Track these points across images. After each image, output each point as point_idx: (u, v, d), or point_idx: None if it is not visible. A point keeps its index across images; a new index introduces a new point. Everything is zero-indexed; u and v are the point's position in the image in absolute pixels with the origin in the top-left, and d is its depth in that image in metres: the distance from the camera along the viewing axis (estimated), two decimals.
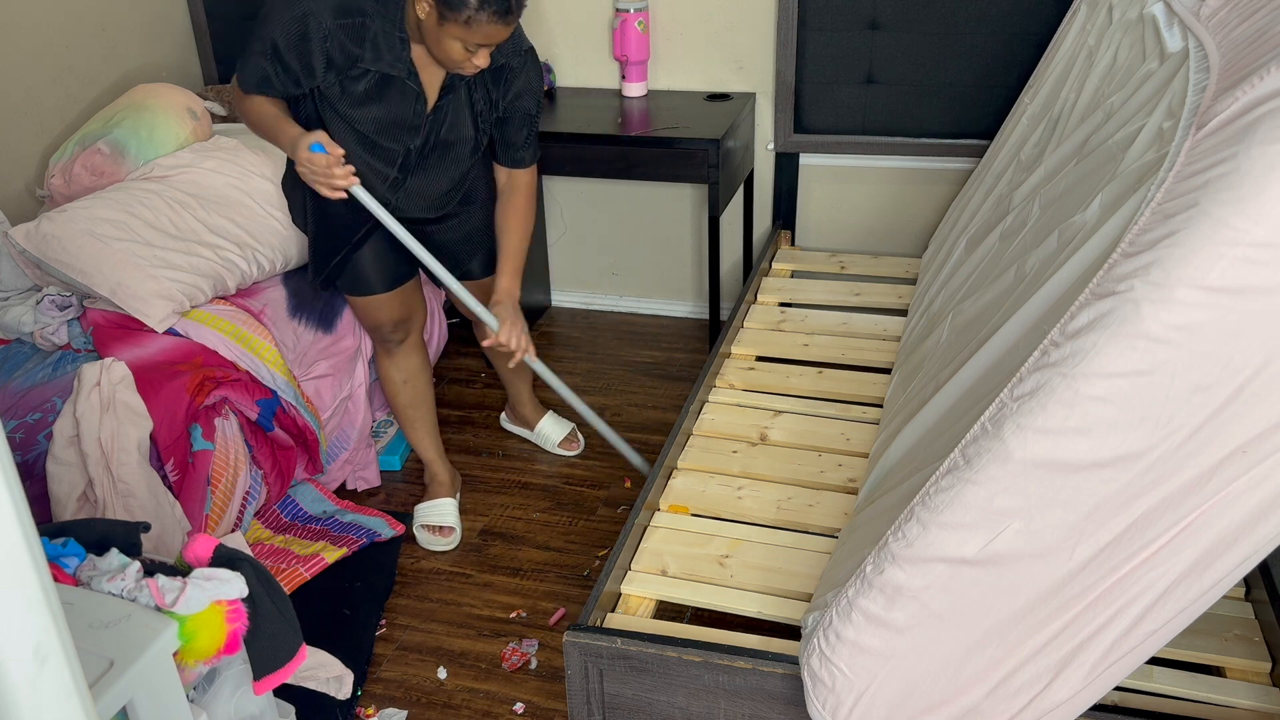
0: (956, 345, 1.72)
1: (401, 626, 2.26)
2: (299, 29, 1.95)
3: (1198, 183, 1.09)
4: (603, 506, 2.60)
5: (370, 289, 2.33)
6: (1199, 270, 1.07)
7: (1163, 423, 1.14)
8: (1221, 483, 1.17)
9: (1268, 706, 1.51)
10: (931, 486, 1.29)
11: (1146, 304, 1.09)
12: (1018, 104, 2.58)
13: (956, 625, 1.31)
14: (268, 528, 2.43)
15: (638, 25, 2.95)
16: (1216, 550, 1.22)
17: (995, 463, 1.22)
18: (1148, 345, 1.11)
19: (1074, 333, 1.16)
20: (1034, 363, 1.20)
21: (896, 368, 2.21)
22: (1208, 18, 1.44)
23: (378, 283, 2.33)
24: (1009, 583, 1.27)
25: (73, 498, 2.00)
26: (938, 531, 1.27)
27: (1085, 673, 1.31)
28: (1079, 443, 1.17)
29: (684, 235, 3.36)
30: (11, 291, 2.47)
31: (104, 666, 1.23)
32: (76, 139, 2.66)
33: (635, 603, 1.78)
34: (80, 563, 1.41)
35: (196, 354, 2.28)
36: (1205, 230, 1.06)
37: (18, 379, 2.23)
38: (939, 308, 2.09)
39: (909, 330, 2.33)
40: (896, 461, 1.68)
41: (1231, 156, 1.06)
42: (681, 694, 1.58)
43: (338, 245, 2.27)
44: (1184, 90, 1.35)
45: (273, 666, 1.48)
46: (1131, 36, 1.84)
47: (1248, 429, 1.13)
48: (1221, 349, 1.09)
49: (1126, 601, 1.26)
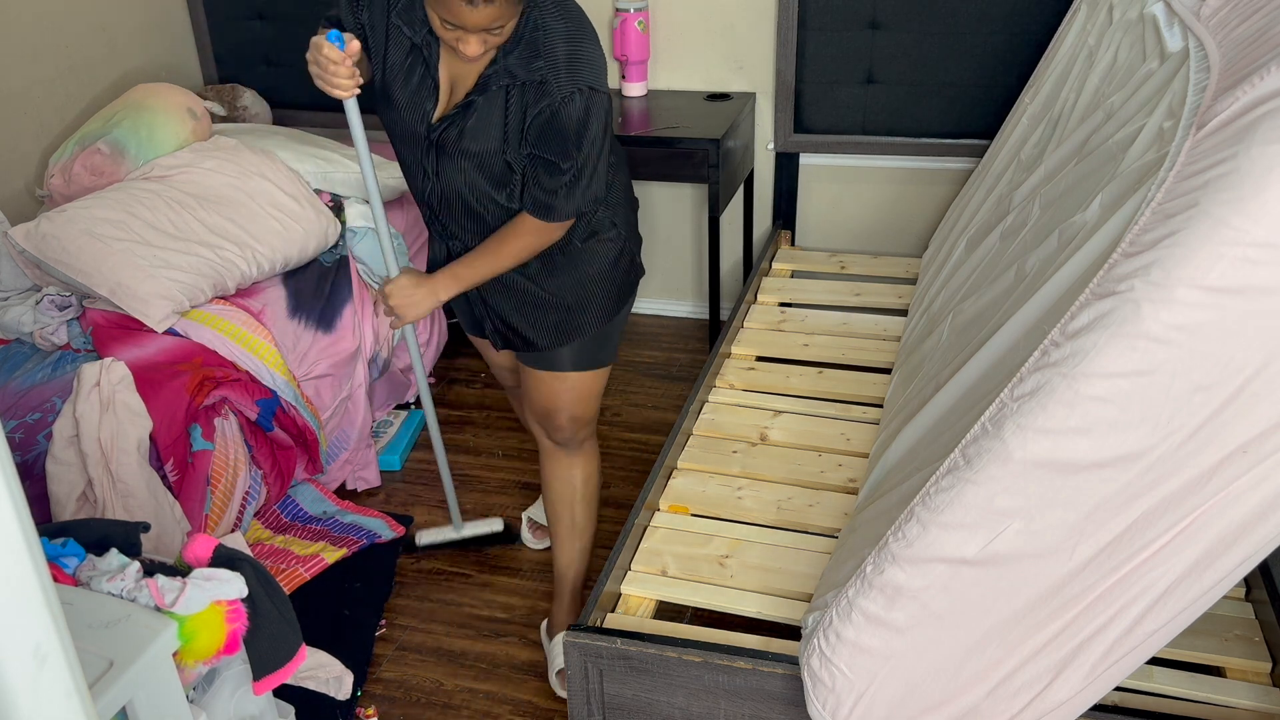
0: (956, 345, 1.72)
1: (401, 627, 2.26)
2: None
3: (1198, 182, 1.09)
4: (603, 506, 2.60)
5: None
6: (1199, 270, 1.07)
7: (1163, 423, 1.14)
8: (1222, 483, 1.17)
9: (1268, 707, 1.51)
10: (931, 486, 1.29)
11: (1147, 304, 1.09)
12: (1018, 104, 2.58)
13: (956, 625, 1.31)
14: (268, 528, 2.43)
15: (638, 25, 2.95)
16: (1216, 550, 1.22)
17: (995, 463, 1.22)
18: (1148, 345, 1.11)
19: (1074, 333, 1.16)
20: (1034, 363, 1.20)
21: (897, 368, 2.21)
22: (1208, 17, 1.44)
23: (466, 319, 2.10)
24: (1009, 583, 1.27)
25: (72, 498, 2.00)
26: (938, 531, 1.27)
27: (1085, 673, 1.31)
28: (1079, 443, 1.17)
29: (684, 235, 3.36)
30: (11, 291, 2.47)
31: (104, 667, 1.23)
32: (76, 139, 2.66)
33: (635, 603, 1.78)
34: (80, 563, 1.41)
35: (196, 354, 2.28)
36: (1205, 230, 1.06)
37: (17, 379, 2.23)
38: (939, 308, 2.09)
39: (909, 330, 2.32)
40: (896, 462, 1.68)
41: (1231, 156, 1.06)
42: (681, 694, 1.58)
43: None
44: (1184, 90, 1.35)
45: (272, 667, 1.48)
46: (1132, 36, 1.84)
47: (1248, 429, 1.13)
48: (1222, 349, 1.09)
49: (1127, 601, 1.26)
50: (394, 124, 1.84)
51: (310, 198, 2.66)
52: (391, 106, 1.81)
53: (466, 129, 1.76)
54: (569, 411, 2.04)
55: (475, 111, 1.74)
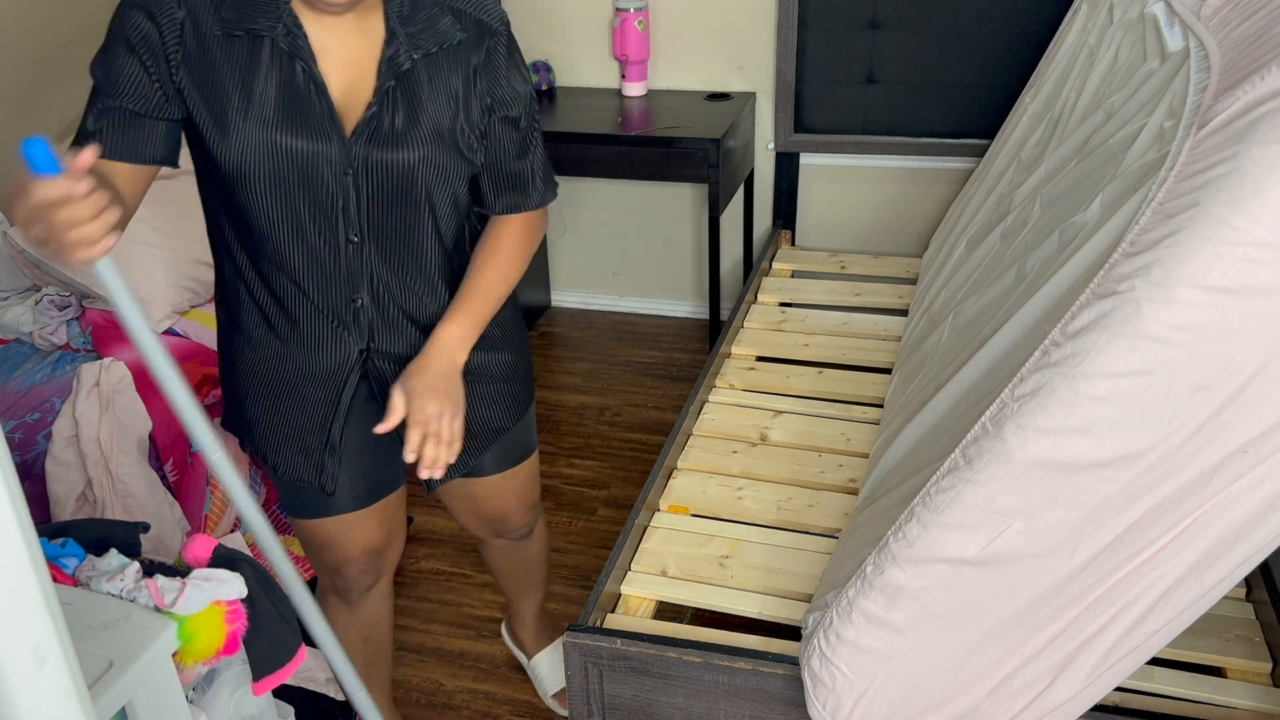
0: (957, 345, 1.72)
1: (401, 627, 2.26)
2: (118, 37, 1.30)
3: (1198, 182, 1.09)
4: (603, 506, 2.60)
5: (336, 505, 1.56)
6: (1200, 270, 1.06)
7: (1164, 423, 1.14)
8: (1223, 483, 1.17)
9: (1268, 707, 1.51)
10: (932, 487, 1.29)
11: (1147, 304, 1.09)
12: (1019, 103, 2.58)
13: (957, 625, 1.31)
14: None
15: (638, 25, 2.95)
16: (1217, 550, 1.22)
17: (996, 463, 1.22)
18: (1148, 345, 1.11)
19: (1075, 333, 1.16)
20: (1035, 363, 1.20)
21: (897, 368, 2.21)
22: (1208, 17, 1.44)
23: (349, 495, 1.56)
24: (1009, 583, 1.27)
25: (72, 498, 2.00)
26: (938, 532, 1.27)
27: (1086, 673, 1.31)
28: (1080, 442, 1.17)
29: (684, 235, 3.36)
30: (11, 291, 2.47)
31: (103, 667, 1.22)
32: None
33: (635, 603, 1.77)
34: (79, 563, 1.41)
35: (196, 354, 2.28)
36: (1206, 230, 1.06)
37: (17, 379, 2.23)
38: (939, 308, 2.09)
39: (909, 330, 2.32)
40: (897, 462, 1.68)
41: (1232, 156, 1.06)
42: (681, 695, 1.58)
43: (305, 443, 1.50)
44: (1185, 90, 1.35)
45: (271, 668, 1.47)
46: (1132, 36, 1.84)
47: (1249, 429, 1.13)
48: (1222, 349, 1.09)
49: (1128, 602, 1.26)
50: (275, 168, 1.29)
51: None
52: (265, 141, 1.28)
53: (403, 114, 1.32)
54: (528, 501, 1.79)
55: (404, 94, 1.32)
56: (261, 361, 1.47)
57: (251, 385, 1.49)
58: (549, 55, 3.15)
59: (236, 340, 1.49)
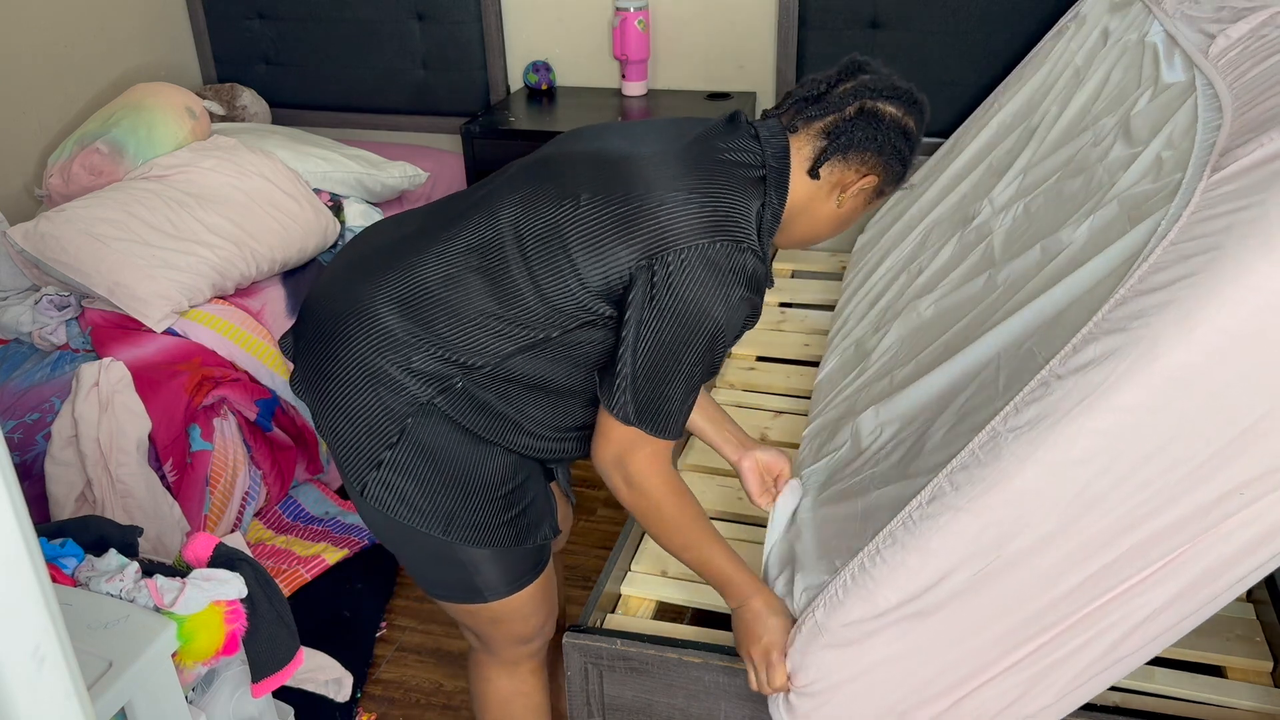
0: (917, 343, 1.72)
1: (401, 628, 2.25)
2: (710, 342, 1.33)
3: (1220, 225, 1.10)
4: (602, 507, 2.60)
5: (551, 544, 1.54)
6: (1217, 312, 1.07)
7: (1164, 459, 1.14)
8: (1215, 519, 1.17)
9: (1268, 707, 1.51)
10: (916, 512, 1.27)
11: (1161, 342, 1.09)
12: (984, 107, 2.58)
13: (931, 650, 1.30)
14: (269, 528, 2.43)
15: (638, 24, 2.95)
16: (1200, 583, 1.22)
17: (988, 491, 1.20)
18: (1155, 383, 1.10)
19: (1079, 367, 1.15)
20: (1031, 394, 1.19)
21: (832, 353, 2.14)
22: (1216, 56, 1.45)
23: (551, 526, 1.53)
24: (990, 611, 1.26)
25: (71, 498, 1.99)
26: (920, 557, 1.25)
27: (1056, 690, 1.32)
28: (1077, 474, 1.16)
29: None
30: (10, 291, 2.47)
31: (103, 667, 1.22)
32: (75, 138, 2.66)
33: (635, 604, 1.77)
34: (79, 563, 1.41)
35: (195, 354, 2.28)
36: (1230, 273, 1.06)
37: (16, 379, 2.23)
38: (889, 301, 2.06)
39: (845, 313, 2.27)
40: (854, 456, 1.63)
41: (1260, 203, 1.07)
42: (681, 695, 1.58)
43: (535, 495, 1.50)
44: (1188, 124, 1.36)
45: (270, 669, 1.47)
46: (1128, 59, 1.84)
47: (1248, 469, 1.14)
48: (1231, 391, 1.10)
49: (1104, 627, 1.26)
50: None
51: (309, 197, 2.66)
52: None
53: None
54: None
55: None
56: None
57: (523, 468, 1.47)
58: (549, 55, 3.15)
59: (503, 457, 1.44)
